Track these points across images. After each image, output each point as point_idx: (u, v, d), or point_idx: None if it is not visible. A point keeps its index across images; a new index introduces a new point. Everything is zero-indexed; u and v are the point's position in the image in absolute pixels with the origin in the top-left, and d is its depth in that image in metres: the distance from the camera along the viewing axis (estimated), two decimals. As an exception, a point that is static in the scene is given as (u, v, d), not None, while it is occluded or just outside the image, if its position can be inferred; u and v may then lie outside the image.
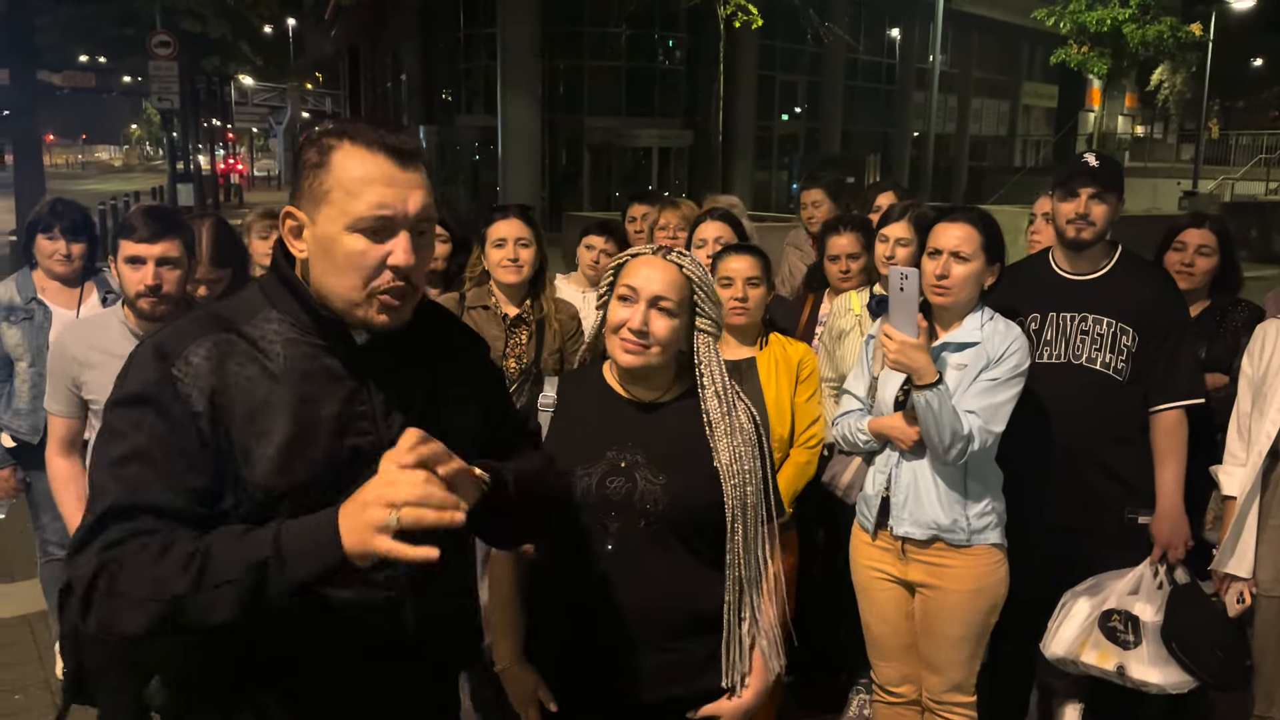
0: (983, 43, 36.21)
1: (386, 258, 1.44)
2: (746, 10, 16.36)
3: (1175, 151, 39.04)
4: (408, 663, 1.58)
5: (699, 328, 2.01)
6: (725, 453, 1.98)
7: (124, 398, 1.44)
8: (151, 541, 1.34)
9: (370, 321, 1.47)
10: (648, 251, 2.02)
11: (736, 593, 2.00)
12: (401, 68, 30.84)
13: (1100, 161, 2.98)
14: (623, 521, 1.96)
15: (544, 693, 2.06)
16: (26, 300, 3.71)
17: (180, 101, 20.67)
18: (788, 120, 30.40)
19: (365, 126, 1.47)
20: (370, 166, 1.44)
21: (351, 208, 1.43)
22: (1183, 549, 2.95)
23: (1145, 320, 2.95)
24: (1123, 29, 22.86)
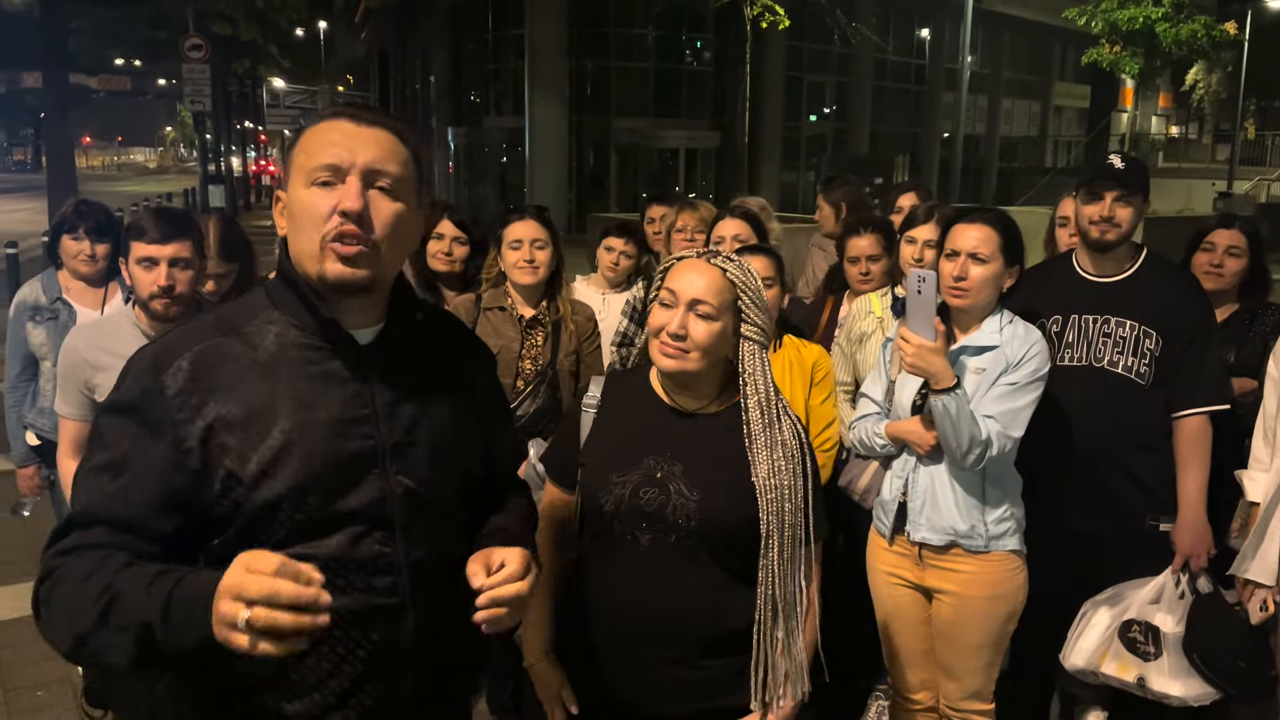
0: (1013, 43, 35.90)
1: (337, 205, 1.45)
2: (773, 11, 16.30)
3: (1210, 152, 38.42)
4: (412, 672, 1.57)
5: (744, 334, 1.94)
6: (764, 466, 1.91)
7: (114, 405, 1.46)
8: (88, 560, 1.35)
9: (325, 273, 1.46)
10: (692, 254, 1.98)
11: (769, 613, 1.92)
12: (430, 70, 31.01)
13: (1126, 163, 2.94)
14: (654, 533, 1.93)
15: (568, 693, 2.04)
16: (52, 300, 3.76)
17: (212, 104, 20.91)
18: (815, 121, 30.28)
19: (339, 105, 1.53)
20: (327, 128, 1.49)
21: (307, 164, 1.47)
22: (1205, 557, 2.90)
23: (1169, 323, 2.90)
24: (1155, 28, 22.58)
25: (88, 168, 70.13)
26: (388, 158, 1.48)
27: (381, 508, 1.50)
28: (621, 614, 1.96)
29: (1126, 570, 2.98)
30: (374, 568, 1.50)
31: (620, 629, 1.96)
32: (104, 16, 21.08)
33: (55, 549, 1.40)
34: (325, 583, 1.42)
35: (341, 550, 1.47)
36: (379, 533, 1.50)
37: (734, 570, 1.95)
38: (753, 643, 1.93)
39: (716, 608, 1.95)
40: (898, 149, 29.18)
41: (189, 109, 22.01)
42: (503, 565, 1.50)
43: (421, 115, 33.26)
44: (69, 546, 1.38)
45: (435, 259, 3.73)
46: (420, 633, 1.55)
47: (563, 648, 2.08)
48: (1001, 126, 37.03)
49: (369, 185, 1.46)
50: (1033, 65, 37.91)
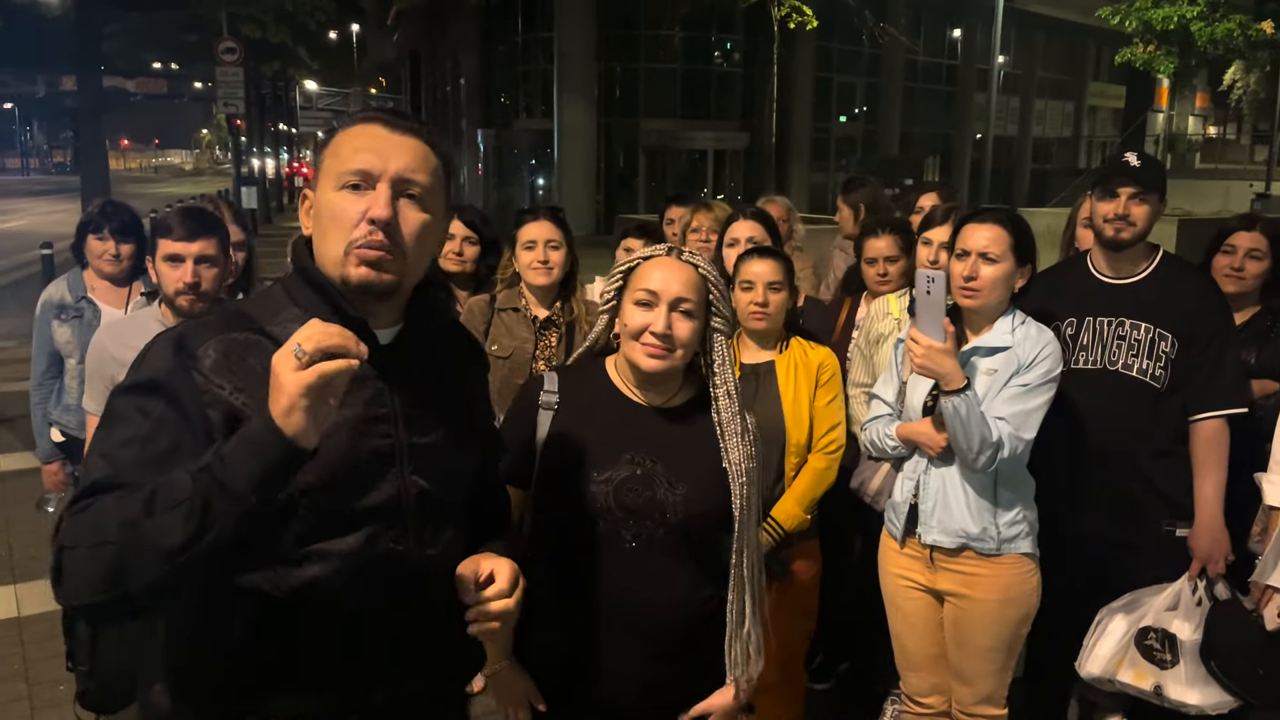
0: (1047, 42, 35.57)
1: (366, 211, 1.45)
2: (801, 11, 16.24)
3: (1249, 153, 37.86)
4: (420, 671, 1.58)
5: (714, 327, 1.99)
6: (735, 451, 1.97)
7: (135, 384, 1.43)
8: (115, 492, 1.33)
9: (348, 276, 1.46)
10: (660, 253, 1.99)
11: (739, 592, 2.00)
12: (461, 72, 31.20)
13: (1142, 161, 2.90)
14: (640, 528, 1.95)
15: (534, 694, 2.05)
16: (77, 299, 3.82)
17: (245, 106, 21.14)
18: (845, 122, 30.15)
19: (373, 111, 1.52)
20: (360, 132, 1.49)
21: (338, 168, 1.47)
22: (1223, 563, 2.86)
23: (1185, 326, 2.85)
24: (1190, 27, 22.24)
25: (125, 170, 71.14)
26: (419, 166, 1.48)
27: (397, 507, 1.51)
28: (607, 611, 1.97)
29: (1143, 576, 2.94)
30: (387, 565, 1.51)
31: (604, 626, 1.97)
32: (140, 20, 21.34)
33: (72, 510, 1.36)
34: (341, 581, 1.46)
35: (358, 548, 1.48)
36: (393, 532, 1.51)
37: (705, 559, 2.01)
38: (727, 620, 2.00)
39: (695, 596, 2.00)
40: (928, 150, 29.02)
41: (223, 111, 22.26)
42: (491, 578, 1.53)
43: (452, 117, 33.49)
44: (86, 506, 1.34)
45: (446, 259, 3.74)
46: (429, 632, 1.57)
47: (533, 648, 2.07)
48: (1034, 127, 36.69)
49: (399, 194, 1.46)
50: (1066, 65, 37.53)
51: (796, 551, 2.98)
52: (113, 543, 1.28)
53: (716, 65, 26.73)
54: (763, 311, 2.92)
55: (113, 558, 1.28)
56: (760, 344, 3.00)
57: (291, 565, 1.45)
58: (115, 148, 76.65)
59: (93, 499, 1.34)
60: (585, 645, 1.99)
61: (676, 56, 25.67)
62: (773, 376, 2.95)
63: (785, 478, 2.94)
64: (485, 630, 1.53)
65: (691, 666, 2.03)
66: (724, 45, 26.50)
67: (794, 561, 2.99)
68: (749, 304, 2.93)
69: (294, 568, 1.45)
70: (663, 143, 25.93)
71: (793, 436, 2.91)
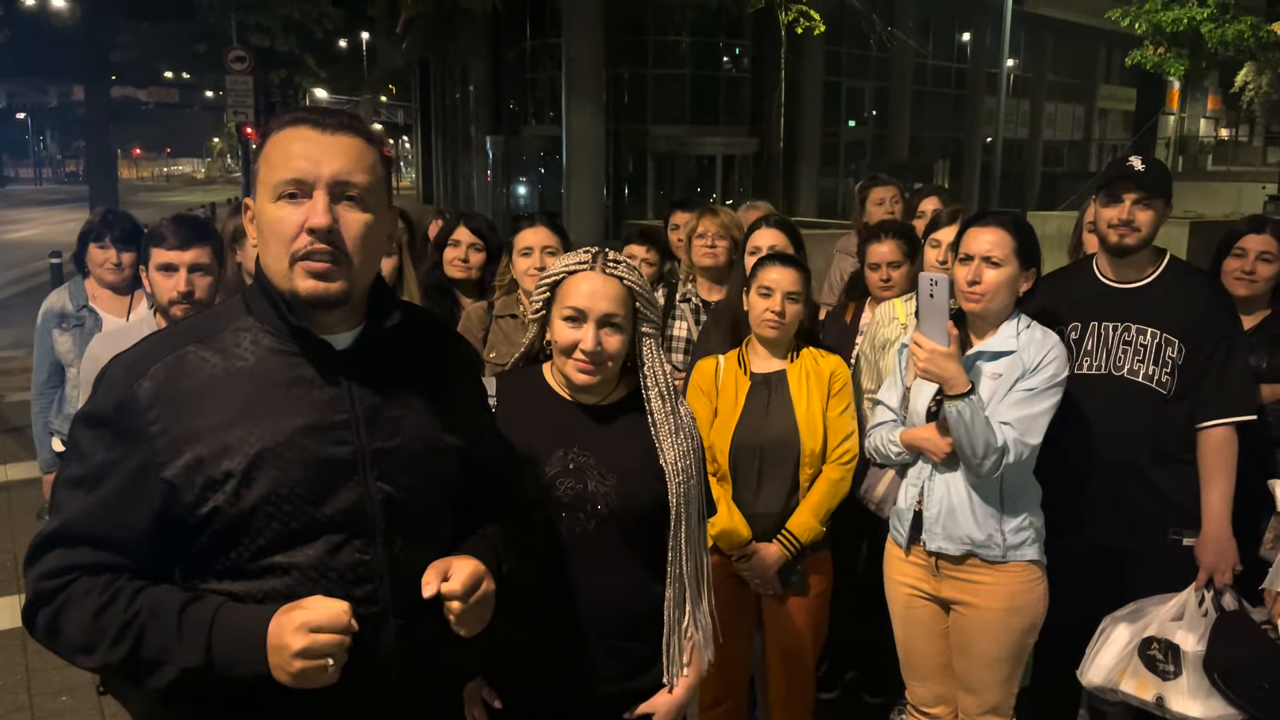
0: (1056, 45, 35.41)
1: (305, 221, 1.43)
2: (809, 16, 16.21)
3: (1261, 155, 37.61)
4: (395, 678, 1.56)
5: (643, 332, 2.03)
6: (670, 450, 2.02)
7: (88, 416, 1.46)
8: (91, 590, 1.40)
9: (296, 290, 1.44)
10: (585, 266, 2.00)
11: (678, 588, 2.04)
12: (470, 79, 31.22)
13: (1146, 165, 2.86)
14: (572, 522, 1.99)
15: (488, 691, 2.06)
16: (78, 308, 3.82)
17: (255, 114, 21.23)
18: (855, 127, 30.05)
19: (305, 111, 1.49)
20: (290, 136, 1.45)
21: (272, 177, 1.44)
22: (1230, 573, 2.81)
23: (1192, 331, 2.81)
24: (1200, 28, 22.14)
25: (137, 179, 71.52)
26: (355, 167, 1.45)
27: (360, 515, 1.49)
28: (550, 605, 1.99)
29: (1148, 585, 2.90)
30: (353, 576, 1.48)
31: (549, 620, 2.00)
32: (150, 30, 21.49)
33: (41, 570, 1.42)
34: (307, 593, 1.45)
35: (320, 559, 1.46)
36: (358, 540, 1.49)
37: (644, 554, 2.04)
38: (665, 616, 2.04)
39: (631, 591, 2.03)
40: (938, 154, 28.90)
41: (232, 120, 22.37)
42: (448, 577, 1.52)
43: (461, 124, 33.52)
44: (58, 569, 1.41)
45: (452, 266, 3.73)
46: (401, 640, 1.54)
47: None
48: (1045, 130, 36.53)
49: (337, 197, 1.44)
50: (1076, 68, 37.36)
51: (810, 564, 2.94)
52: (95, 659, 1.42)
53: (725, 71, 26.69)
54: (778, 320, 2.88)
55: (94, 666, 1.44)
56: (772, 352, 2.97)
57: (251, 578, 1.45)
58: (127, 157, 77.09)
59: (59, 562, 1.42)
60: (532, 640, 2.01)
61: (685, 62, 25.64)
62: (784, 386, 2.91)
63: (800, 489, 2.91)
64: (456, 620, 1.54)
65: (636, 661, 2.06)
66: (732, 51, 26.45)
67: (809, 575, 2.95)
68: (764, 311, 2.89)
69: (254, 580, 1.45)
70: (671, 148, 25.90)
71: (807, 446, 2.87)
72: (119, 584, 1.41)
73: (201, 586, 1.45)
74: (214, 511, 1.41)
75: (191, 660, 1.37)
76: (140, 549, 1.42)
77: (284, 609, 1.38)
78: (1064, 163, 37.98)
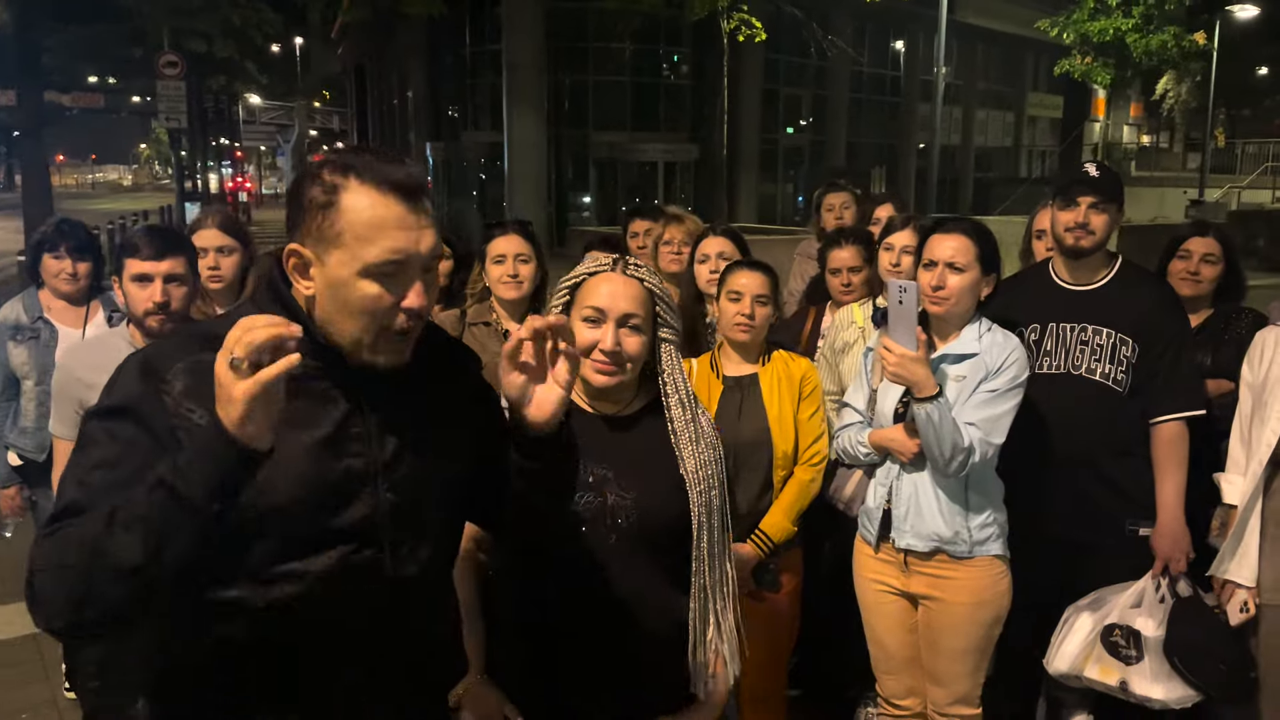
0: (987, 54, 36.26)
1: (400, 301, 1.43)
2: (750, 25, 16.42)
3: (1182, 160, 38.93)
4: (400, 687, 1.58)
5: (662, 338, 2.01)
6: (691, 460, 1.99)
7: (104, 409, 1.44)
8: (80, 516, 1.33)
9: (375, 362, 1.47)
10: (605, 268, 2.00)
11: (702, 600, 2.01)
12: (408, 85, 31.00)
13: (1100, 171, 2.99)
14: (592, 536, 1.95)
15: (510, 709, 2.04)
16: (33, 319, 3.74)
17: (188, 121, 20.82)
18: (793, 134, 30.46)
19: (371, 161, 1.44)
20: (381, 210, 1.42)
21: (364, 253, 1.41)
22: (1184, 561, 2.94)
23: (1145, 331, 2.94)
24: (1126, 39, 22.90)
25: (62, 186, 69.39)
26: (437, 235, 1.48)
27: (371, 526, 1.50)
28: (561, 619, 1.97)
29: (1107, 575, 3.01)
30: (365, 582, 1.50)
31: (567, 635, 1.98)
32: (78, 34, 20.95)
33: (44, 532, 1.37)
34: (317, 600, 1.45)
35: (331, 567, 1.47)
36: (368, 550, 1.50)
37: (666, 566, 2.01)
38: (689, 630, 2.00)
39: (654, 604, 1.99)
40: (874, 161, 29.43)
41: (164, 126, 21.89)
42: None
43: (399, 130, 33.25)
44: (55, 530, 1.35)
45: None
46: (408, 649, 1.56)
47: (503, 660, 2.07)
48: (976, 137, 37.35)
49: (425, 273, 1.46)
50: (1006, 76, 38.29)
51: (782, 562, 3.01)
52: (72, 565, 1.29)
53: (665, 78, 26.89)
54: (748, 324, 2.93)
55: (74, 580, 1.29)
56: (743, 356, 3.02)
57: (264, 585, 1.45)
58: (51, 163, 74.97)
59: (61, 523, 1.35)
60: (552, 655, 1.99)
61: (625, 69, 25.79)
62: (756, 389, 2.97)
63: (774, 489, 2.97)
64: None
65: (660, 676, 2.03)
66: (672, 58, 26.66)
67: (781, 573, 3.01)
68: (735, 315, 2.94)
69: (267, 587, 1.45)
70: (613, 155, 26.00)
71: (779, 448, 2.93)
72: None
73: (215, 595, 1.45)
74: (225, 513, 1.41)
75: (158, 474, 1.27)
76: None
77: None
78: (994, 168, 38.88)
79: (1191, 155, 39.14)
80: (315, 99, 54.39)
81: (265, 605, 1.45)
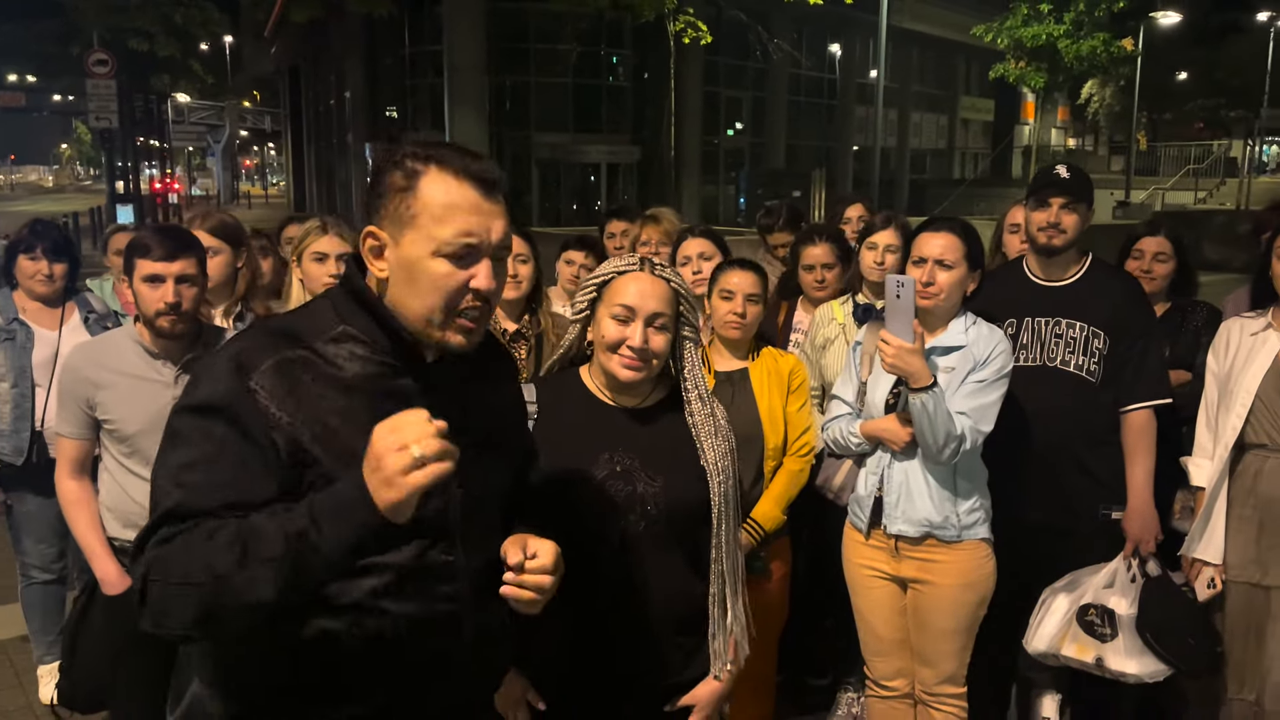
0: (922, 58, 36.99)
1: (469, 281, 1.49)
2: (696, 27, 16.59)
3: (1106, 163, 40.10)
4: (468, 673, 1.64)
5: (684, 336, 2.12)
6: (711, 451, 2.10)
7: (195, 405, 1.46)
8: (200, 529, 1.37)
9: (446, 342, 1.51)
10: (635, 267, 2.09)
11: (720, 585, 2.12)
12: (345, 85, 30.62)
13: (1071, 173, 3.13)
14: (624, 522, 2.04)
15: (533, 695, 2.11)
16: (8, 321, 3.69)
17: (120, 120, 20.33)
18: (733, 135, 30.75)
19: (451, 153, 1.50)
20: (457, 194, 1.48)
21: (438, 233, 1.47)
22: (1153, 543, 3.09)
23: (1115, 324, 3.08)
24: (1058, 44, 23.59)
25: (-20, 187, 67.25)
26: (508, 226, 1.54)
27: (444, 518, 1.56)
28: (599, 608, 2.05)
29: (1082, 558, 3.15)
30: (438, 576, 1.56)
31: (597, 622, 2.05)
32: (-1, 31, 20.31)
33: (153, 542, 1.40)
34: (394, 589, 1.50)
35: (412, 559, 1.53)
36: (443, 543, 1.56)
37: (688, 552, 2.12)
38: (709, 614, 2.12)
39: (679, 588, 2.10)
40: (813, 163, 29.80)
41: (93, 126, 21.36)
42: (535, 555, 1.59)
43: (337, 131, 32.82)
44: (169, 535, 1.39)
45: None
46: (476, 637, 1.62)
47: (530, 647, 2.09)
48: (911, 139, 38.07)
49: (493, 259, 1.52)
50: (940, 80, 39.09)
51: (772, 550, 3.10)
52: (199, 586, 1.34)
53: (607, 80, 26.96)
54: (740, 321, 3.04)
55: (200, 602, 1.35)
56: (733, 352, 3.12)
57: (349, 578, 1.48)
58: (-33, 164, 72.52)
59: (174, 529, 1.38)
60: (579, 642, 2.06)
61: (567, 71, 25.81)
62: (747, 384, 3.06)
63: (764, 480, 3.07)
64: (518, 597, 1.58)
65: (683, 655, 2.13)
66: (613, 60, 26.74)
67: (771, 560, 3.10)
68: (727, 313, 3.04)
69: (352, 579, 1.49)
70: (556, 156, 26.01)
71: (770, 440, 3.03)
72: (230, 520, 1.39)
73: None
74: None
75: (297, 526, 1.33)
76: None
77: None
78: (929, 170, 39.66)
79: (1115, 158, 40.38)
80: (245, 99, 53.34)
81: (352, 597, 1.49)
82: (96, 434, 2.78)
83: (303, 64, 37.71)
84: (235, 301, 3.38)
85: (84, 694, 2.91)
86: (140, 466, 2.71)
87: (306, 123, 39.18)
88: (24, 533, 3.81)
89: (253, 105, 55.97)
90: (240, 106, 51.26)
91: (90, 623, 2.84)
